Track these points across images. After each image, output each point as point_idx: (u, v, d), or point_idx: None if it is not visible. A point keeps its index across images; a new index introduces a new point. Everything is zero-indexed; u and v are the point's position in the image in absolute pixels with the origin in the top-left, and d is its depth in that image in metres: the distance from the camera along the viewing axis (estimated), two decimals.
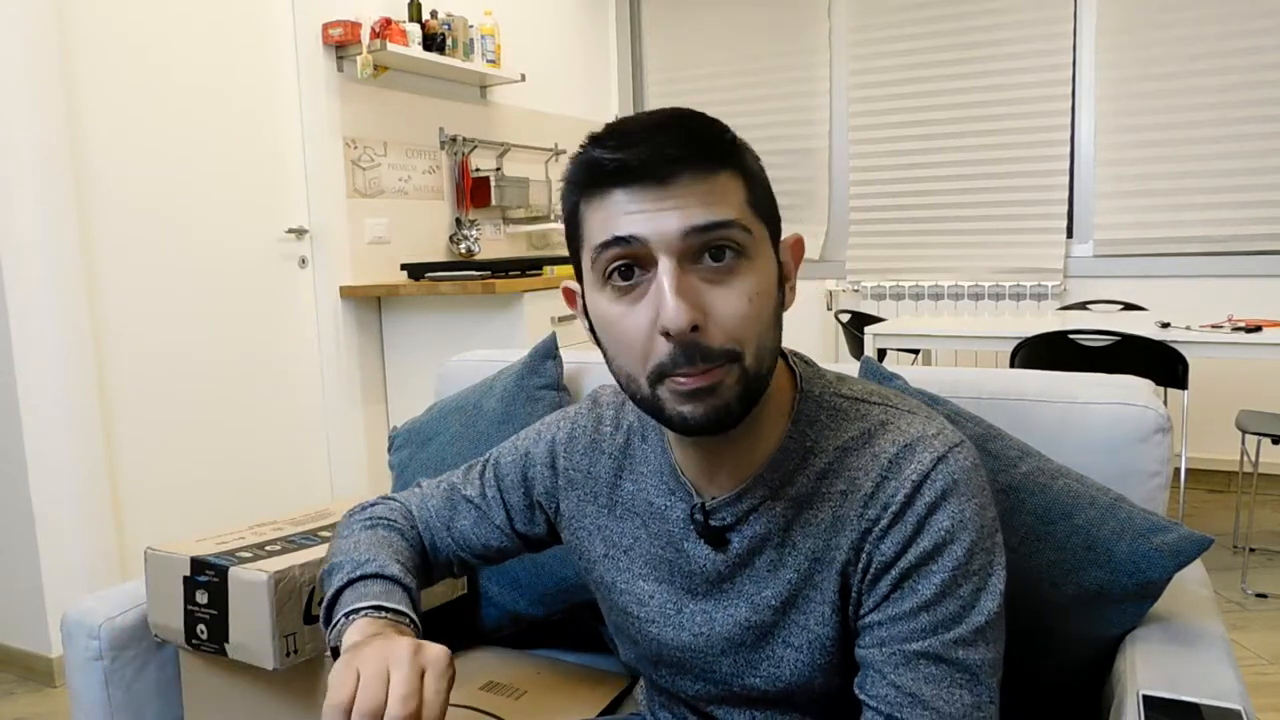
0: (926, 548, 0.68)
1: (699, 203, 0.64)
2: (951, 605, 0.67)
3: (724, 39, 4.27)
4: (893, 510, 0.69)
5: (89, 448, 2.25)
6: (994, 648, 0.69)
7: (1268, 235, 3.38)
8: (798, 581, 0.73)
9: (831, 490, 0.72)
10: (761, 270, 0.67)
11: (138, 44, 2.42)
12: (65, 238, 2.19)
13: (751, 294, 0.65)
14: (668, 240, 0.64)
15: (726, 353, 0.65)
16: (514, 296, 2.83)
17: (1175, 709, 0.75)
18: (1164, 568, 0.88)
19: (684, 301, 0.63)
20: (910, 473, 0.69)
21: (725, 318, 0.64)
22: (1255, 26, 3.32)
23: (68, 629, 1.10)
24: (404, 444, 1.41)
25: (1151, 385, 1.06)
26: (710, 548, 0.76)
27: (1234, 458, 3.18)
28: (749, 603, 0.75)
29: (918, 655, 0.67)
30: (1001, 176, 3.77)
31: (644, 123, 0.66)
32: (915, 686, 0.67)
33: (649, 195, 0.64)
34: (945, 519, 0.68)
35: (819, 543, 0.72)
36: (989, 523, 0.70)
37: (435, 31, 3.15)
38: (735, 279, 0.65)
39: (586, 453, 0.86)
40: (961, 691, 0.67)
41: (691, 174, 0.64)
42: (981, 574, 0.68)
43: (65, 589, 2.20)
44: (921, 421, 0.72)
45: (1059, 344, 2.42)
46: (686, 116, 0.67)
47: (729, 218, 0.65)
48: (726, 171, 0.66)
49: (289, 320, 2.90)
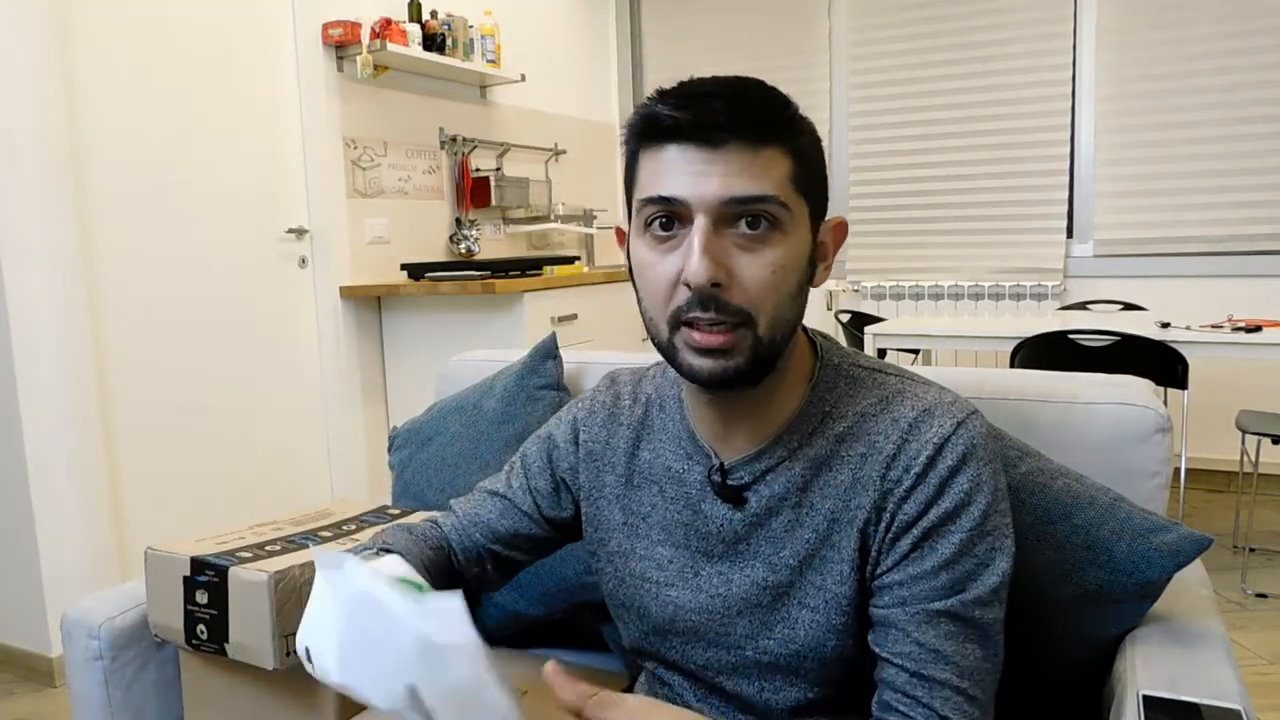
0: (948, 508, 0.71)
1: (742, 172, 0.67)
2: (969, 564, 0.71)
3: (724, 39, 4.27)
4: (915, 471, 0.72)
5: (89, 448, 2.25)
6: (1002, 608, 0.73)
7: (1268, 235, 3.38)
8: (815, 541, 0.75)
9: (851, 453, 0.75)
10: (792, 245, 0.70)
11: (138, 44, 2.42)
12: (65, 237, 2.19)
13: (776, 265, 0.69)
14: (707, 203, 0.68)
15: (741, 312, 0.69)
16: (514, 296, 2.83)
17: (1175, 709, 0.75)
18: (1164, 568, 0.88)
19: (709, 259, 0.67)
20: (932, 435, 0.72)
21: (748, 281, 0.69)
22: (1255, 26, 3.32)
23: (68, 629, 1.10)
24: (404, 444, 1.41)
25: (1151, 385, 1.06)
26: (728, 506, 0.78)
27: (1234, 458, 3.18)
28: (766, 563, 0.77)
29: (939, 614, 0.70)
30: (1001, 176, 3.77)
31: (708, 86, 0.69)
32: (937, 643, 0.70)
33: (698, 157, 0.68)
34: (965, 481, 0.71)
35: (838, 503, 0.75)
36: (1002, 487, 0.74)
37: (435, 31, 3.15)
38: (764, 248, 0.69)
39: (605, 425, 0.89)
40: (974, 646, 0.70)
41: (740, 143, 0.67)
42: (996, 535, 0.72)
43: (65, 589, 2.20)
44: (936, 390, 0.76)
45: (1059, 344, 2.42)
46: (747, 88, 0.70)
47: (766, 192, 0.68)
48: (775, 146, 0.69)
49: (289, 320, 2.90)
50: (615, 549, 0.87)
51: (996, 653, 0.72)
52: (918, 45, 3.87)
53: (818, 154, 0.74)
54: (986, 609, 0.71)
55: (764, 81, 0.72)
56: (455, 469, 1.32)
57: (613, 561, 0.87)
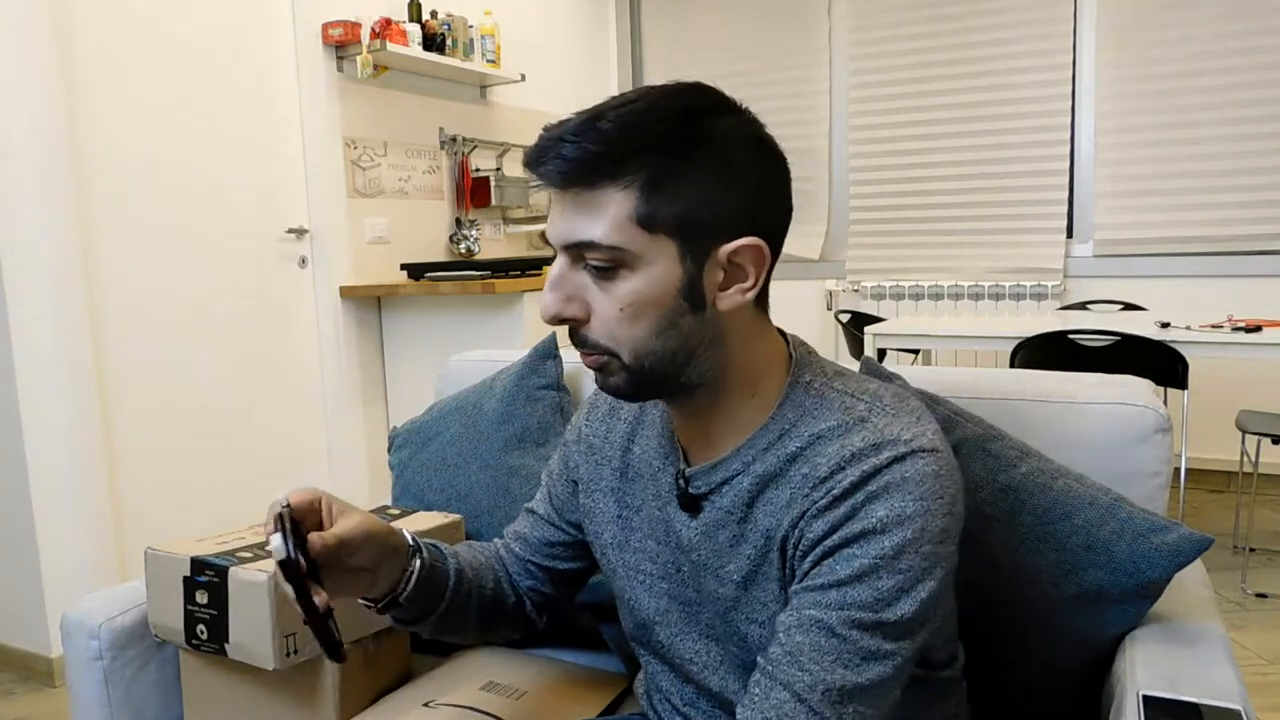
0: (853, 531, 0.67)
1: (575, 217, 0.68)
2: (863, 593, 0.66)
3: (724, 39, 4.27)
4: (834, 494, 0.69)
5: (89, 448, 2.25)
6: (899, 647, 0.67)
7: (1268, 235, 3.38)
8: (755, 558, 0.75)
9: (796, 473, 0.73)
10: (646, 281, 0.68)
11: (138, 44, 2.42)
12: (65, 238, 2.19)
13: (624, 303, 0.69)
14: (557, 243, 0.70)
15: (602, 347, 0.71)
16: (514, 296, 2.83)
17: (1175, 709, 0.75)
18: (1164, 568, 0.88)
19: (558, 294, 0.70)
20: (865, 465, 0.68)
21: (600, 318, 0.70)
22: (1255, 26, 3.32)
23: (68, 629, 1.10)
24: (404, 444, 1.41)
25: (1151, 385, 1.06)
26: (685, 514, 0.79)
27: (1234, 458, 3.18)
28: (715, 575, 0.78)
29: (812, 621, 0.67)
30: (1001, 176, 3.77)
31: (566, 125, 0.67)
32: (797, 648, 0.67)
33: (555, 197, 0.70)
34: (881, 509, 0.67)
35: (773, 521, 0.73)
36: (934, 530, 0.67)
37: (435, 31, 3.15)
38: (611, 285, 0.69)
39: (605, 419, 0.91)
40: (842, 670, 0.65)
41: (575, 187, 0.68)
42: (909, 575, 0.66)
43: (65, 589, 2.20)
44: (901, 424, 0.71)
45: (1059, 344, 2.42)
46: (589, 123, 0.66)
47: (592, 238, 0.67)
48: (611, 185, 0.67)
49: (289, 320, 2.90)
50: (610, 540, 0.87)
51: (872, 687, 0.66)
52: (918, 45, 3.87)
53: (703, 174, 0.67)
54: (870, 637, 0.66)
55: (652, 91, 0.68)
56: (455, 469, 1.32)
57: (607, 554, 0.88)
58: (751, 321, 0.75)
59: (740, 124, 0.70)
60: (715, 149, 0.68)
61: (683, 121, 0.67)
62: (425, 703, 1.07)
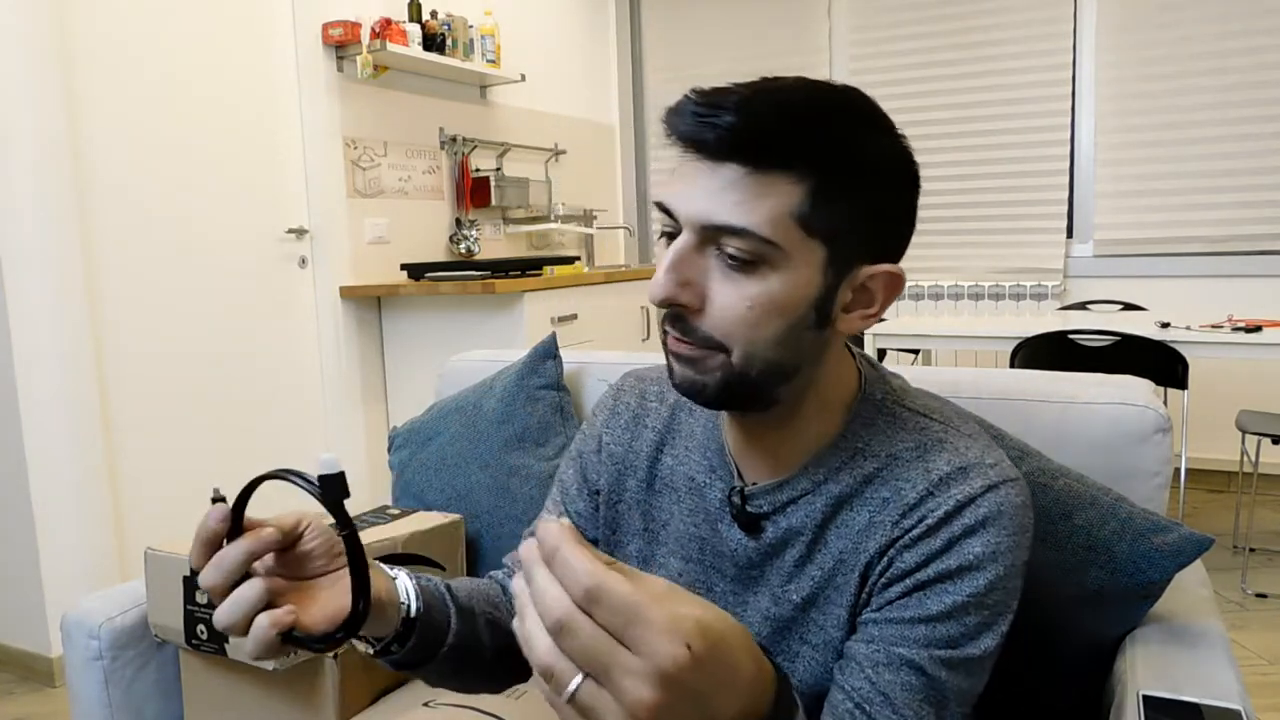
0: (950, 566, 0.66)
1: (729, 198, 0.61)
2: (952, 629, 0.65)
3: (724, 39, 4.27)
4: (928, 524, 0.67)
5: (89, 448, 2.25)
6: (975, 683, 0.67)
7: (1268, 235, 3.38)
8: (821, 580, 0.72)
9: (875, 495, 0.70)
10: (784, 285, 0.63)
11: (137, 44, 2.42)
12: (65, 238, 2.19)
13: (754, 301, 0.63)
14: (691, 220, 0.63)
15: (711, 340, 0.65)
16: (514, 296, 2.83)
17: (1175, 709, 0.75)
18: (1165, 568, 0.88)
19: (673, 276, 0.63)
20: (957, 493, 0.67)
21: (718, 310, 0.64)
22: (1255, 26, 3.32)
23: (68, 629, 1.10)
24: (404, 444, 1.41)
25: (1151, 385, 1.06)
26: (743, 533, 0.75)
27: (1234, 458, 3.18)
28: (771, 595, 0.74)
29: (903, 660, 0.65)
30: (1001, 176, 3.77)
31: (728, 93, 0.62)
32: (889, 688, 0.65)
33: (697, 169, 0.63)
34: (978, 545, 0.66)
35: (849, 544, 0.71)
36: (1019, 565, 0.68)
37: (435, 31, 3.15)
38: (744, 280, 0.63)
39: (629, 427, 0.85)
40: (929, 709, 0.65)
41: (736, 164, 0.61)
42: (994, 610, 0.66)
43: (65, 589, 2.20)
44: (980, 448, 0.71)
45: (1059, 344, 2.42)
46: (772, 98, 0.62)
47: (748, 227, 0.61)
48: (780, 172, 0.61)
49: (289, 320, 2.90)
50: (633, 554, 0.83)
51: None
52: (918, 45, 3.87)
53: (867, 186, 0.64)
54: (954, 674, 0.65)
55: (819, 85, 0.63)
56: (455, 469, 1.32)
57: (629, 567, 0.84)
58: (842, 344, 0.72)
59: (900, 145, 0.67)
60: (883, 166, 0.65)
61: (857, 128, 0.64)
62: (425, 703, 1.07)
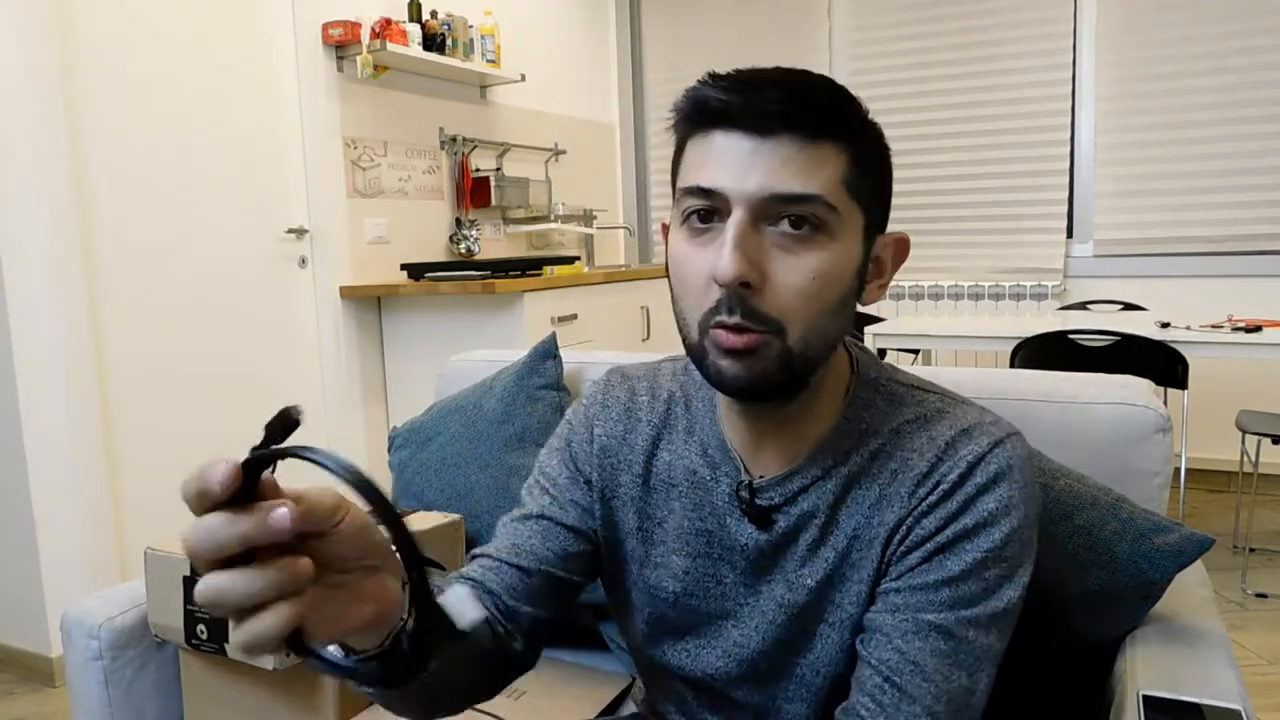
0: (967, 525, 0.67)
1: (788, 168, 0.62)
2: (974, 585, 0.67)
3: (724, 39, 4.27)
4: (943, 489, 0.68)
5: (89, 448, 2.25)
6: (1001, 639, 0.69)
7: (1268, 235, 3.38)
8: (835, 560, 0.72)
9: (882, 469, 0.71)
10: (838, 254, 0.65)
11: (137, 45, 2.42)
12: (65, 238, 2.19)
13: (817, 273, 0.64)
14: (747, 196, 0.63)
15: (771, 320, 0.64)
16: (514, 296, 2.83)
17: (1175, 709, 0.75)
18: (1165, 568, 0.88)
19: (741, 255, 0.62)
20: (965, 453, 0.69)
21: (782, 286, 0.64)
22: (1255, 26, 3.32)
23: (68, 629, 1.10)
24: (404, 444, 1.41)
25: (1151, 385, 1.06)
26: (754, 527, 0.74)
27: (1234, 458, 3.18)
28: (786, 581, 0.74)
29: (930, 626, 0.67)
30: (1001, 176, 3.77)
31: (763, 73, 0.65)
32: (920, 656, 0.66)
33: (745, 146, 0.63)
34: (992, 501, 0.68)
35: (861, 519, 0.71)
36: (1032, 515, 0.70)
37: (435, 31, 3.15)
38: (805, 252, 0.64)
39: (621, 419, 0.83)
40: (960, 673, 0.66)
41: (792, 134, 0.62)
42: (1012, 562, 0.68)
43: (65, 589, 2.20)
44: (978, 411, 0.73)
45: (1059, 344, 2.42)
46: (807, 77, 0.65)
47: (814, 191, 0.63)
48: (831, 142, 0.64)
49: (289, 320, 2.90)
50: (629, 553, 0.81)
51: (982, 688, 0.67)
52: (918, 45, 3.87)
53: (880, 161, 0.69)
54: (982, 633, 0.67)
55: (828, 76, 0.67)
56: (455, 469, 1.32)
57: (626, 565, 0.82)
58: None
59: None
60: (883, 141, 0.69)
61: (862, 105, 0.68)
62: None
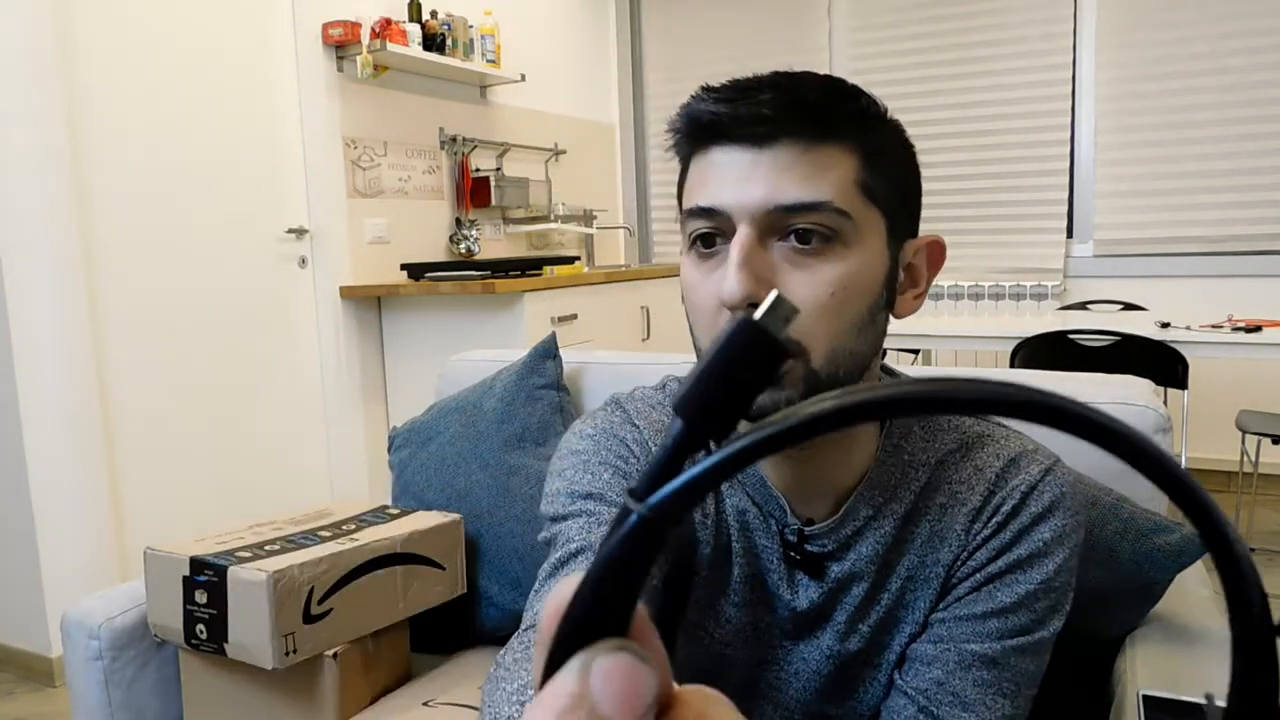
0: (1020, 556, 0.64)
1: (792, 176, 0.58)
2: (1024, 618, 0.64)
3: (724, 39, 4.27)
4: (997, 521, 0.65)
5: (89, 448, 2.25)
6: (1042, 664, 0.67)
7: (1268, 235, 3.38)
8: (890, 604, 0.68)
9: (930, 504, 0.67)
10: (858, 262, 0.59)
11: (137, 44, 2.42)
12: (65, 238, 2.19)
13: (836, 285, 0.58)
14: (749, 211, 0.58)
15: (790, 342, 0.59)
16: (514, 296, 2.83)
17: (1175, 709, 0.75)
18: (1167, 569, 0.88)
19: (747, 274, 0.57)
20: (1018, 484, 0.65)
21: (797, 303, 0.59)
22: (1255, 26, 3.32)
23: (68, 629, 1.10)
24: (404, 444, 1.41)
25: (1151, 385, 1.06)
26: (805, 574, 0.68)
27: (1234, 458, 3.17)
28: (836, 632, 0.69)
29: (975, 656, 0.63)
30: (1001, 176, 3.77)
31: (757, 79, 0.60)
32: (960, 686, 0.63)
33: (742, 158, 0.58)
34: (1047, 531, 0.65)
35: (914, 559, 0.67)
36: (1080, 543, 0.67)
37: (435, 31, 3.15)
38: (820, 265, 0.58)
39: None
40: (1004, 702, 0.64)
41: (790, 140, 0.58)
42: (1060, 591, 0.66)
43: (65, 589, 2.20)
44: (1017, 435, 0.70)
45: (1059, 344, 2.42)
46: (803, 77, 0.60)
47: (819, 198, 0.57)
48: (835, 142, 0.59)
49: (289, 320, 2.90)
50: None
51: (1025, 712, 0.65)
52: (918, 45, 3.87)
53: (901, 157, 0.63)
54: (1025, 659, 0.64)
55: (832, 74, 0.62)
56: (455, 469, 1.32)
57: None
58: None
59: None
60: (903, 137, 0.64)
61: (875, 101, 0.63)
62: (425, 702, 1.07)
